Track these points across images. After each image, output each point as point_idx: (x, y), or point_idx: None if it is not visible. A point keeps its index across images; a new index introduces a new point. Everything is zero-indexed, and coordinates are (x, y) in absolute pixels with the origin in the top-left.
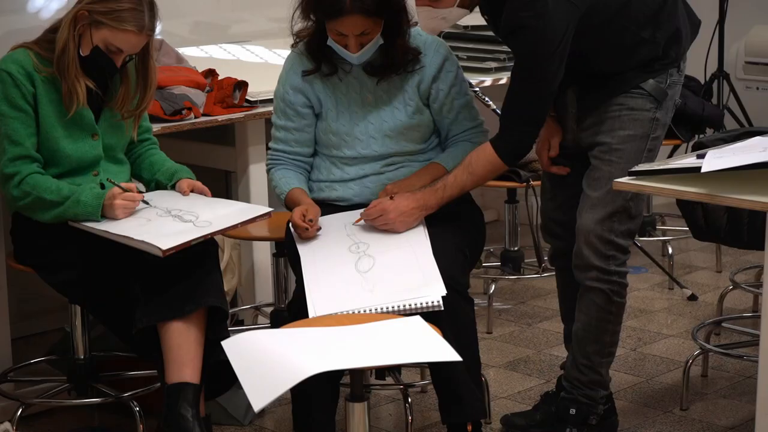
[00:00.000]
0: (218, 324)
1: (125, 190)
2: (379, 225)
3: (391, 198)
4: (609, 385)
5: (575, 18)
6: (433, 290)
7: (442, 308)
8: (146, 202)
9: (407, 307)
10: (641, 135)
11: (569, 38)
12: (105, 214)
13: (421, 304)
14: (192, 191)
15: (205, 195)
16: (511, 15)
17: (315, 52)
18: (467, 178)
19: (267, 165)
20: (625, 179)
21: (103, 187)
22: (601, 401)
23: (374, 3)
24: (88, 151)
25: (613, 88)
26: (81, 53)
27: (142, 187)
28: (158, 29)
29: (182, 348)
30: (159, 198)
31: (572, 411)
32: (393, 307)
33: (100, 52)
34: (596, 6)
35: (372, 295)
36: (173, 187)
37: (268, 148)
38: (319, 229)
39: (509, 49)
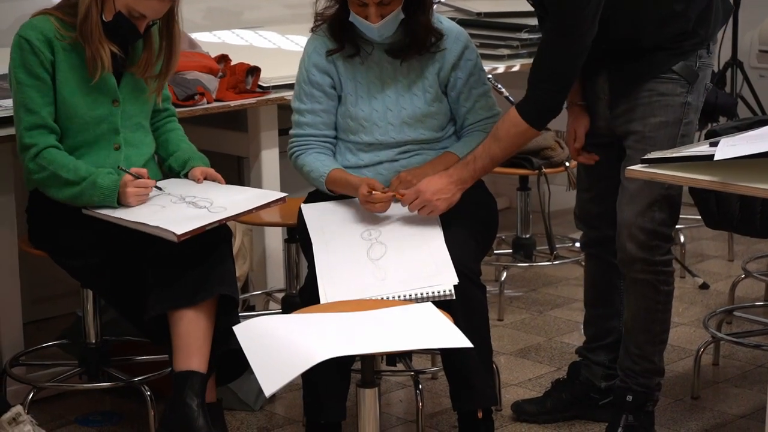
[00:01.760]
0: (229, 312)
1: (136, 177)
2: (418, 208)
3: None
4: (663, 371)
5: None
6: (445, 279)
7: (454, 297)
8: (159, 188)
9: (419, 296)
10: (673, 121)
11: None
12: (119, 201)
13: (433, 293)
14: (205, 179)
15: (218, 182)
16: None
17: (337, 32)
18: (494, 144)
19: (292, 152)
20: (638, 167)
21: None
22: (657, 388)
23: None
24: (107, 118)
25: (644, 71)
26: (104, 18)
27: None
28: None
29: (191, 336)
30: (173, 185)
31: (629, 398)
32: (404, 296)
33: (123, 17)
34: None
35: (383, 284)
36: (186, 176)
37: (281, 134)
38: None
39: (522, 36)
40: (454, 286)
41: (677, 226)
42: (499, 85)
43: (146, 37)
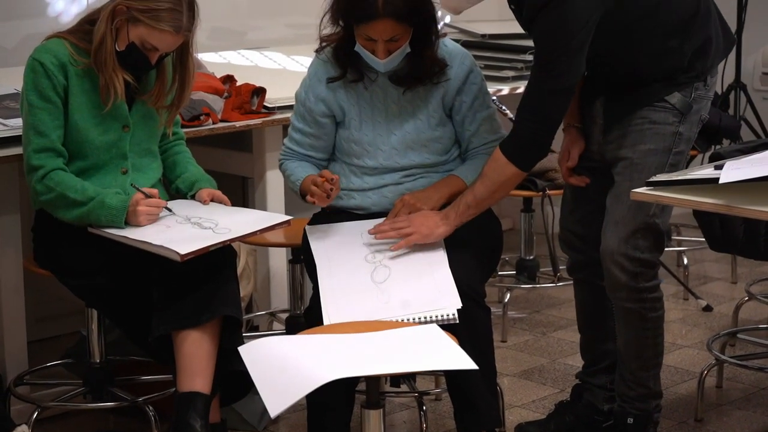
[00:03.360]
0: (233, 333)
1: (148, 196)
2: (401, 227)
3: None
4: (661, 394)
5: (598, 13)
6: (449, 303)
7: (458, 321)
8: (169, 209)
9: (422, 319)
10: (662, 149)
11: (590, 31)
12: (128, 221)
13: (437, 316)
14: (212, 200)
15: (224, 204)
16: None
17: (342, 59)
18: (478, 180)
19: (280, 160)
20: (642, 189)
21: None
22: (656, 410)
23: (406, 9)
24: (117, 143)
25: (638, 100)
26: (117, 48)
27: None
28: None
29: (195, 357)
30: (179, 206)
31: (629, 420)
32: (408, 320)
33: (136, 48)
34: (624, 5)
35: (387, 307)
36: (193, 197)
37: None
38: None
39: (526, 58)
40: (458, 309)
41: (681, 249)
42: (504, 107)
43: (160, 68)
